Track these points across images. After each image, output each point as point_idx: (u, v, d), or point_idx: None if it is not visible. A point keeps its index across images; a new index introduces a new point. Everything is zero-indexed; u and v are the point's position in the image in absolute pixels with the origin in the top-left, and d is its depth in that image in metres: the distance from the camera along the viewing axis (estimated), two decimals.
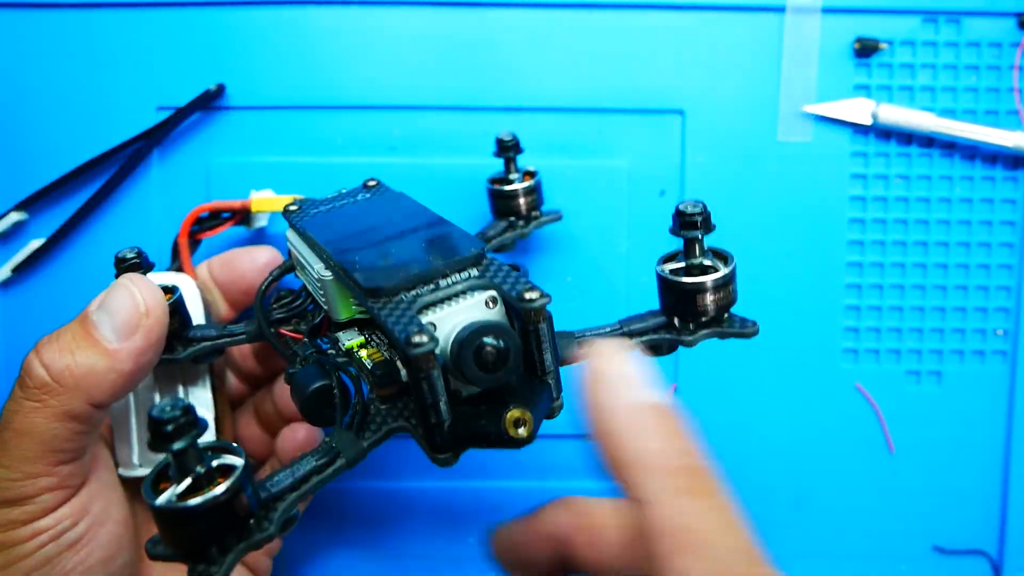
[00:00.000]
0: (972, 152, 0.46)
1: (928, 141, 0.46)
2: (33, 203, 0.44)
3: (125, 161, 0.44)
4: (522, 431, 0.26)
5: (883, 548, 0.48)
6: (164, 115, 0.44)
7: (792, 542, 0.48)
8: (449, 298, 0.28)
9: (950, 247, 0.47)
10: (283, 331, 0.35)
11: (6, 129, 0.44)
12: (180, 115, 0.44)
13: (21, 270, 0.45)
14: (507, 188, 0.41)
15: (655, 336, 0.31)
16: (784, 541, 0.48)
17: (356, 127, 0.45)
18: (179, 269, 0.40)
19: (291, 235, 0.35)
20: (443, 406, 0.26)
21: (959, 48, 0.46)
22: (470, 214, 0.45)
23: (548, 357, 0.28)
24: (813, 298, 0.47)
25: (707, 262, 0.30)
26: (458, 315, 0.27)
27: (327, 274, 0.31)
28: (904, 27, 0.46)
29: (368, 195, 0.36)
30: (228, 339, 0.35)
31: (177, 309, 0.33)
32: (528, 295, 0.27)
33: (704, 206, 0.30)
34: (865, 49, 0.45)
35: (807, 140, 0.46)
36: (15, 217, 0.44)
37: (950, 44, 0.46)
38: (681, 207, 0.30)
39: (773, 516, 0.48)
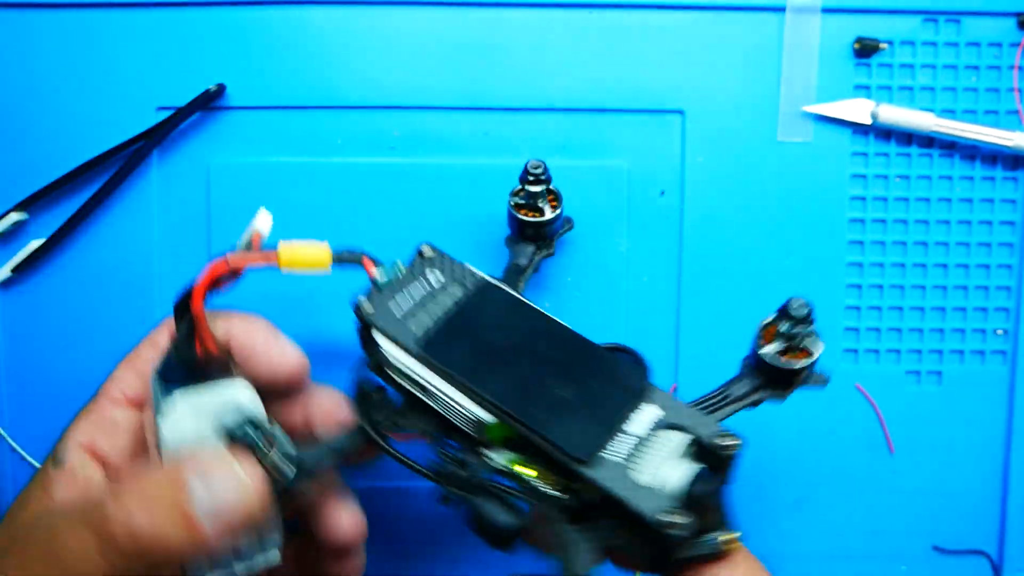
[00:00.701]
0: (972, 152, 0.46)
1: (928, 141, 0.46)
2: (33, 203, 0.44)
3: (125, 161, 0.44)
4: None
5: (883, 548, 0.48)
6: (164, 115, 0.44)
7: (792, 542, 0.48)
8: (646, 446, 0.29)
9: (950, 247, 0.47)
10: (398, 435, 0.32)
11: (6, 129, 0.44)
12: (180, 115, 0.44)
13: (21, 270, 0.45)
14: (544, 219, 0.40)
15: (756, 397, 0.34)
16: (784, 541, 0.48)
17: (356, 127, 0.45)
18: (191, 340, 0.31)
19: (383, 340, 0.32)
20: None
21: (959, 48, 0.46)
22: (470, 214, 0.45)
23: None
24: (813, 298, 0.46)
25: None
26: (667, 466, 0.28)
27: (490, 418, 0.30)
28: (904, 27, 0.46)
29: (454, 287, 0.34)
30: (337, 458, 0.31)
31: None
32: (723, 442, 0.29)
33: (810, 306, 0.33)
34: (865, 49, 0.45)
35: (807, 140, 0.46)
36: (15, 217, 0.44)
37: (950, 44, 0.46)
38: (794, 310, 0.32)
39: (773, 516, 0.48)
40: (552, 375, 0.30)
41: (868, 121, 0.45)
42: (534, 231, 0.40)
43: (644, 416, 0.30)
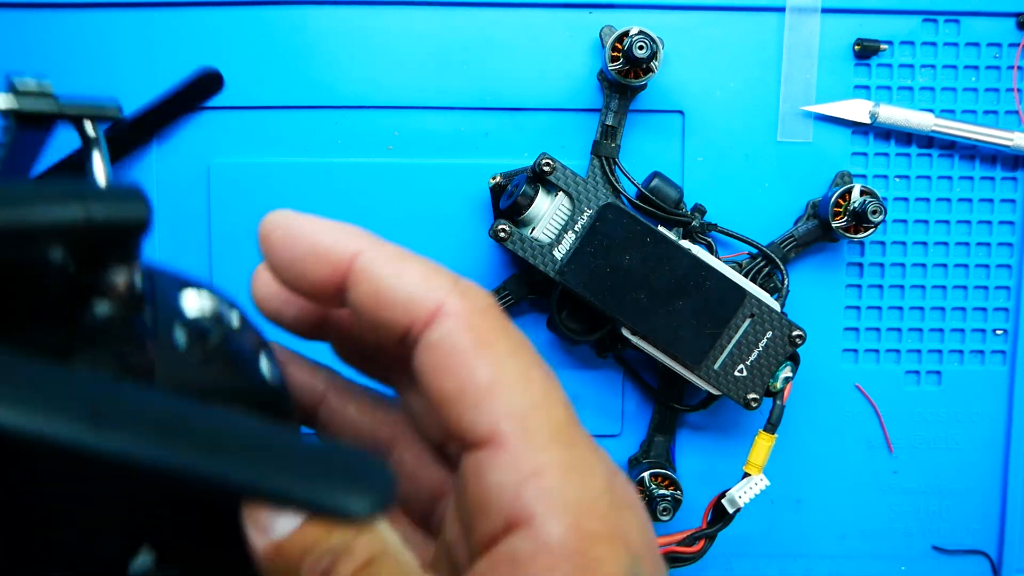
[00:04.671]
0: (972, 152, 0.46)
1: (928, 141, 0.46)
2: None
3: (125, 161, 0.44)
4: None
5: (883, 548, 0.48)
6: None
7: (792, 542, 0.48)
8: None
9: (950, 247, 0.47)
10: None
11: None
12: (180, 101, 0.43)
13: None
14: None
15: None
16: (784, 541, 0.48)
17: (356, 127, 0.45)
18: None
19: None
20: None
21: (959, 48, 0.46)
22: (470, 215, 0.45)
23: None
24: (813, 299, 0.47)
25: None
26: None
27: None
28: (904, 27, 0.46)
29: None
30: None
31: None
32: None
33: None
34: (865, 51, 0.45)
35: (807, 140, 0.46)
36: None
37: (950, 44, 0.46)
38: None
39: (773, 516, 0.48)
40: (668, 291, 0.41)
41: (868, 121, 0.45)
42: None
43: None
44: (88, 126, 0.26)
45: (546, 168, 0.41)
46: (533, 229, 0.42)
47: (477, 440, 0.18)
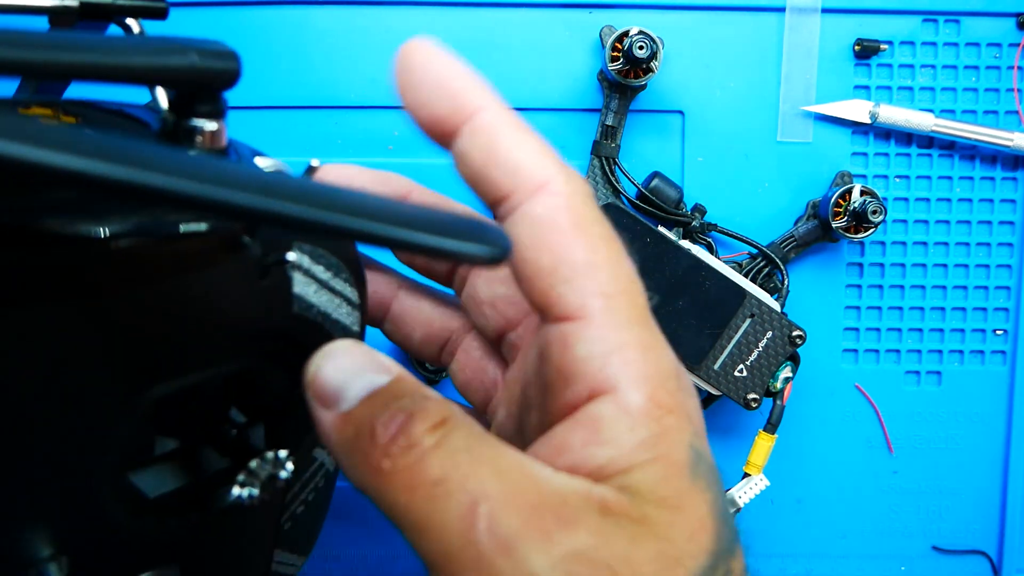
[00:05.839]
0: (972, 152, 0.46)
1: (928, 141, 0.46)
2: None
3: None
4: None
5: (883, 548, 0.48)
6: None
7: (792, 542, 0.48)
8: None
9: (950, 247, 0.47)
10: None
11: None
12: None
13: None
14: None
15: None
16: (784, 541, 0.48)
17: (356, 127, 0.45)
18: None
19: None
20: None
21: (959, 48, 0.46)
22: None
23: None
24: (813, 299, 0.47)
25: None
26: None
27: None
28: (904, 28, 0.46)
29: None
30: None
31: None
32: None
33: None
34: (865, 51, 0.45)
35: (807, 140, 0.46)
36: None
37: (950, 44, 0.46)
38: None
39: (773, 516, 0.48)
40: (668, 291, 0.41)
41: (868, 121, 0.45)
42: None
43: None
44: (133, 24, 0.28)
45: None
46: None
47: (566, 313, 0.19)
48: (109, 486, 0.19)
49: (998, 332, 0.47)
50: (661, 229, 0.42)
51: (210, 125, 0.19)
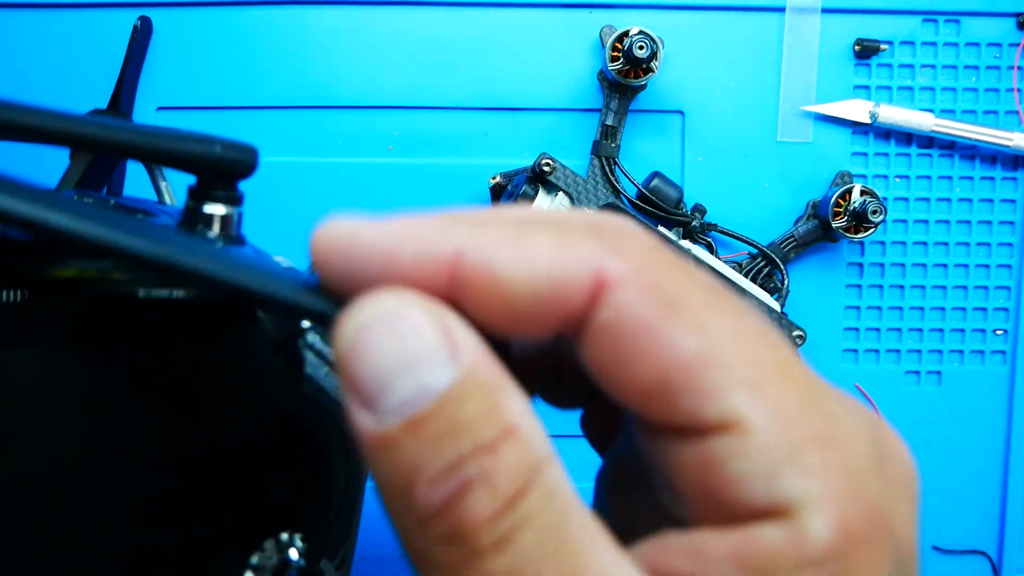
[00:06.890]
0: (972, 152, 0.46)
1: (928, 141, 0.46)
2: None
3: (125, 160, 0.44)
4: None
5: None
6: (164, 115, 0.44)
7: None
8: None
9: (950, 247, 0.47)
10: None
11: None
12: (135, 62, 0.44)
13: None
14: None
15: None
16: None
17: (356, 127, 0.45)
18: None
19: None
20: None
21: (959, 48, 0.46)
22: None
23: None
24: (813, 299, 0.47)
25: None
26: None
27: None
28: (904, 27, 0.46)
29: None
30: None
31: None
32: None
33: None
34: (865, 51, 0.45)
35: (807, 140, 0.46)
36: None
37: (950, 44, 0.46)
38: None
39: None
40: None
41: (868, 121, 0.45)
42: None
43: None
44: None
45: (546, 168, 0.41)
46: None
47: (705, 428, 0.14)
48: None
49: (998, 332, 0.47)
50: (661, 229, 0.42)
51: (225, 210, 0.20)
